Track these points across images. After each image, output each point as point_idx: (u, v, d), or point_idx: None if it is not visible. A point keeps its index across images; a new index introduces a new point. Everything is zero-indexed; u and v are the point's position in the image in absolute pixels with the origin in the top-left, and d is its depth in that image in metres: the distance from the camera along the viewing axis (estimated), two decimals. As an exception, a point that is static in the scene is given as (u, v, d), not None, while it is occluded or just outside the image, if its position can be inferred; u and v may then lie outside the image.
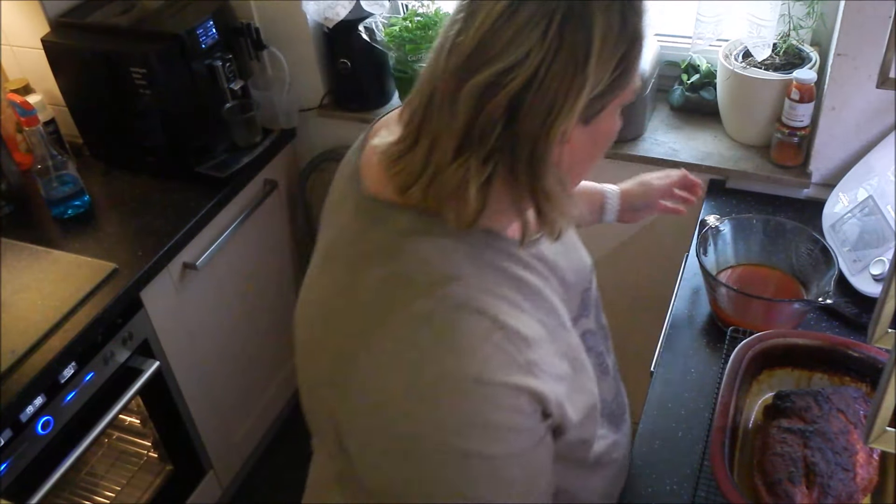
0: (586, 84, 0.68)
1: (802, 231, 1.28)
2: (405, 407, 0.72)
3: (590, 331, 0.95)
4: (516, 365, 0.73)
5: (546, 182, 0.72)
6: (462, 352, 0.71)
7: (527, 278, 0.81)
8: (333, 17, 1.78)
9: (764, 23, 1.46)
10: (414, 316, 0.73)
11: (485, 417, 0.71)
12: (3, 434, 1.35)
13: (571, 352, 0.84)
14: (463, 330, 0.72)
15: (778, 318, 1.23)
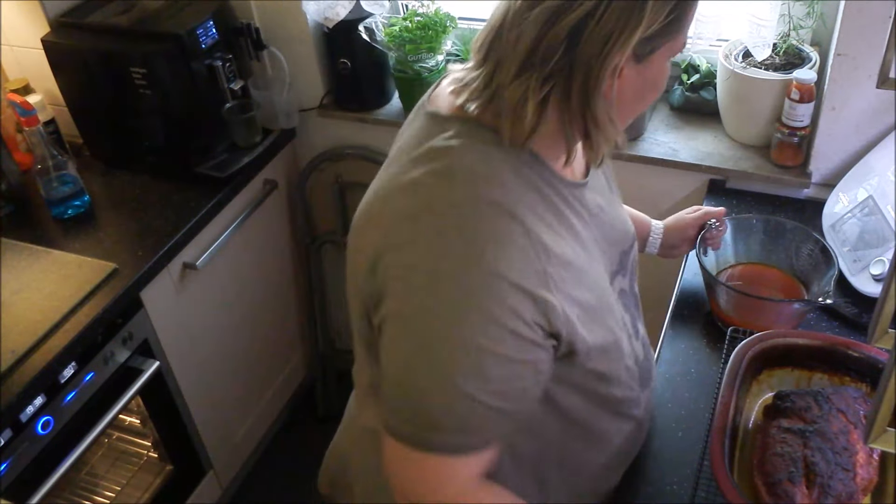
0: (643, 21, 0.74)
1: (802, 231, 1.28)
2: (423, 281, 0.79)
3: (624, 291, 1.01)
4: (533, 271, 0.79)
5: (595, 108, 0.78)
6: (485, 243, 0.78)
7: (566, 213, 0.87)
8: (333, 17, 1.78)
9: (764, 23, 1.46)
10: (450, 203, 0.80)
11: (487, 309, 0.77)
12: (3, 434, 1.35)
13: (599, 290, 0.90)
14: (492, 225, 0.79)
15: (778, 318, 1.23)
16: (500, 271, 0.77)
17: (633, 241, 1.07)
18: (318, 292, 2.24)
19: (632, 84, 0.81)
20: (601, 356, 0.90)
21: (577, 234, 0.88)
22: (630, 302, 1.03)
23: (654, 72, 0.82)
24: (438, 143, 0.84)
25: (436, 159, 0.83)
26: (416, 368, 0.80)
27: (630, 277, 1.05)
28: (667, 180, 1.66)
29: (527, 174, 0.83)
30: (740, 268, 1.34)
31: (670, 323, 1.31)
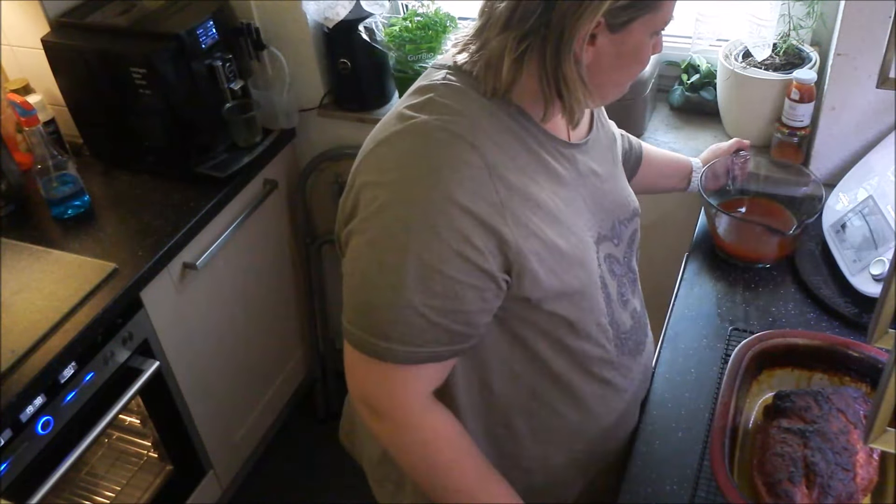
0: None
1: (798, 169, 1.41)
2: (383, 198, 0.86)
3: (614, 257, 1.05)
4: (487, 200, 0.85)
5: (567, 70, 0.84)
6: (441, 167, 0.84)
7: (549, 162, 0.93)
8: (333, 17, 1.78)
9: (764, 23, 1.46)
10: (418, 130, 0.87)
11: (436, 227, 0.83)
12: (3, 434, 1.35)
13: (576, 239, 0.95)
14: (452, 152, 0.85)
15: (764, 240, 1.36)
16: (452, 194, 0.83)
17: (634, 215, 1.12)
18: (318, 292, 2.24)
19: (608, 53, 0.86)
20: (564, 302, 0.95)
21: (560, 183, 0.94)
22: (620, 271, 1.06)
23: (633, 44, 0.87)
24: (426, 83, 0.93)
25: (419, 94, 0.92)
26: (369, 277, 0.87)
27: (626, 249, 1.09)
28: (667, 180, 1.66)
29: (505, 120, 0.90)
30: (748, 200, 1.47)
31: (670, 323, 1.31)
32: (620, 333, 1.06)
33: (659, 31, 0.89)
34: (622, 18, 0.83)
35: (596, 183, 1.01)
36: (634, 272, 1.13)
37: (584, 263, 0.96)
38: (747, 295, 1.34)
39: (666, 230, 1.74)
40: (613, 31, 0.85)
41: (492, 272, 0.86)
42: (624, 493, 1.06)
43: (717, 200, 1.44)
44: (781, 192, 1.44)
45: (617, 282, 1.05)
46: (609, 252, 1.03)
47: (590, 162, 1.01)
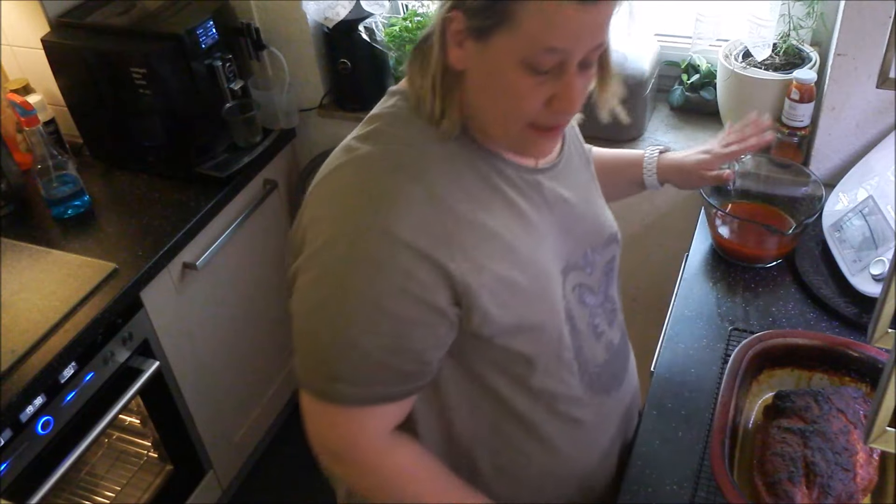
0: None
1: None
2: (326, 234, 0.83)
3: (586, 286, 0.99)
4: (431, 234, 0.81)
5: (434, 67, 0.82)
6: (382, 202, 0.81)
7: (507, 191, 0.88)
8: (333, 17, 1.78)
9: (764, 23, 1.46)
10: (361, 163, 0.84)
11: (378, 265, 0.80)
12: (3, 434, 1.35)
13: (535, 271, 0.89)
14: (393, 186, 0.82)
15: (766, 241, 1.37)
16: (394, 229, 0.80)
17: (610, 241, 1.05)
18: (318, 292, 2.24)
19: (475, 67, 0.81)
20: (519, 337, 0.90)
21: (519, 213, 0.89)
22: (593, 301, 1.00)
23: (499, 67, 0.79)
24: (376, 110, 0.90)
25: (368, 123, 0.89)
26: (313, 318, 0.84)
27: (601, 278, 1.03)
28: (667, 180, 1.66)
29: (455, 147, 0.86)
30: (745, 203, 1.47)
31: (670, 323, 1.31)
32: (591, 368, 1.00)
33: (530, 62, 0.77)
34: (479, 21, 0.76)
35: (565, 209, 0.95)
36: (613, 301, 1.06)
37: (545, 296, 0.91)
38: (747, 295, 1.34)
39: (666, 230, 1.74)
40: (476, 38, 0.78)
41: (440, 306, 0.82)
42: (624, 492, 1.06)
43: (717, 200, 1.44)
44: (781, 192, 1.44)
45: (588, 313, 0.99)
46: (580, 281, 0.98)
47: (558, 187, 0.94)
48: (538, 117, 0.82)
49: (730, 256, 1.40)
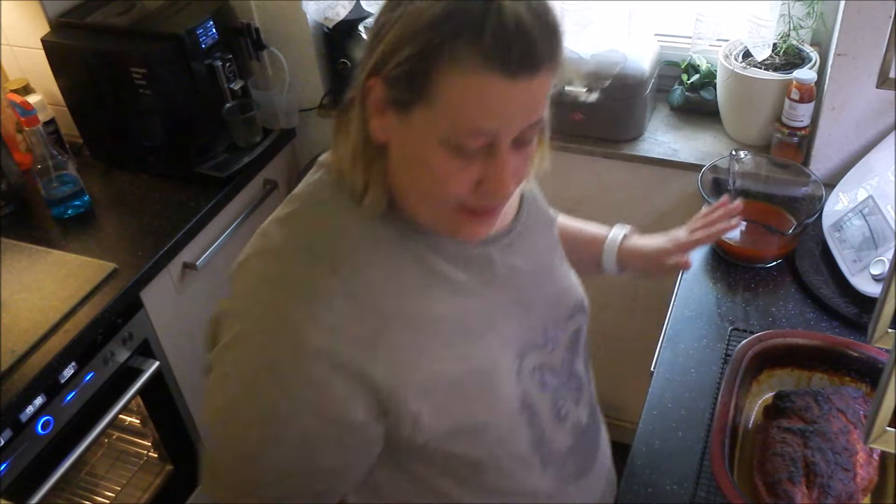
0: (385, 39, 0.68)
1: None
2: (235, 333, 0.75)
3: (548, 366, 0.88)
4: (349, 335, 0.72)
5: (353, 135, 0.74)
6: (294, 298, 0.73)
7: (450, 273, 0.79)
8: (333, 17, 1.78)
9: (764, 23, 1.46)
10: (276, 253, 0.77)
11: (287, 375, 0.71)
12: (3, 434, 1.35)
13: (477, 362, 0.79)
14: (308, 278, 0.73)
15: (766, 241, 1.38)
16: (305, 334, 0.70)
17: (576, 312, 0.94)
18: (318, 292, 2.24)
19: (399, 140, 0.72)
20: (460, 439, 0.80)
21: (464, 294, 0.79)
22: (556, 381, 0.90)
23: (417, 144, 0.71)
24: (299, 188, 0.82)
25: (289, 203, 0.81)
26: (219, 421, 0.76)
27: (565, 354, 0.92)
28: (667, 180, 1.66)
29: (383, 230, 0.76)
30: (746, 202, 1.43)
31: (670, 323, 1.31)
32: (555, 458, 0.90)
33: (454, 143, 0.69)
34: (397, 95, 0.69)
35: (522, 283, 0.85)
36: (580, 378, 0.95)
37: (490, 392, 0.81)
38: (747, 295, 1.34)
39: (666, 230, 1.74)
40: (396, 110, 0.70)
41: (357, 422, 0.73)
42: (624, 492, 1.06)
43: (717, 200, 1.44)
44: (781, 192, 1.44)
45: (551, 396, 0.88)
46: (540, 362, 0.87)
47: (513, 258, 0.85)
48: (467, 200, 0.73)
49: (730, 256, 1.40)
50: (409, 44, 0.66)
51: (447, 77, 0.66)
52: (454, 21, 0.65)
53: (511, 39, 0.65)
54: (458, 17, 0.65)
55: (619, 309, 1.94)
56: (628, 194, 1.73)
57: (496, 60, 0.65)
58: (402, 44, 0.67)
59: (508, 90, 0.66)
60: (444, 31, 0.65)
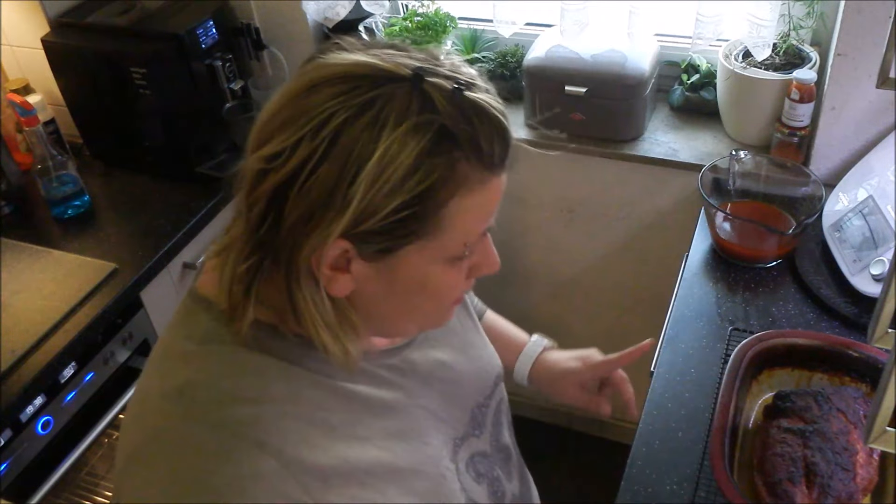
0: (350, 205, 0.58)
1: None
2: None
3: (482, 453, 0.85)
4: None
5: (297, 298, 0.64)
6: (223, 494, 0.61)
7: (374, 395, 0.73)
8: (333, 17, 1.78)
9: (764, 23, 1.46)
10: (176, 436, 0.64)
11: None
12: (3, 434, 1.35)
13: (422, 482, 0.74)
14: (234, 465, 0.62)
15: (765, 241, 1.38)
16: None
17: (497, 384, 0.91)
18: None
19: (374, 281, 0.65)
20: None
21: (391, 413, 0.74)
22: (491, 462, 0.87)
23: (413, 275, 0.65)
24: (187, 345, 0.69)
25: (175, 365, 0.68)
26: None
27: (493, 431, 0.88)
28: (667, 180, 1.66)
29: (297, 370, 0.68)
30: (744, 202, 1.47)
31: (670, 323, 1.31)
32: None
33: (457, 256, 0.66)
34: (376, 247, 0.62)
35: (445, 376, 0.81)
36: (507, 450, 0.91)
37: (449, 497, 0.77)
38: (747, 295, 1.34)
39: (666, 230, 1.74)
40: (370, 260, 0.63)
41: None
42: (624, 492, 1.06)
43: (717, 200, 1.44)
44: (781, 192, 1.44)
45: (487, 482, 0.85)
46: (473, 451, 0.83)
47: (431, 352, 0.81)
48: (461, 292, 0.73)
49: (730, 256, 1.40)
50: (398, 194, 0.59)
51: (456, 202, 0.62)
52: (447, 143, 0.59)
53: (503, 134, 0.63)
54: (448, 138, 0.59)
55: (619, 309, 1.94)
56: (628, 194, 1.73)
57: (496, 160, 0.63)
58: (385, 197, 0.59)
59: (500, 183, 0.65)
60: (442, 160, 0.59)
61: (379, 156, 0.58)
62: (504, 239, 1.95)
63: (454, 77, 0.62)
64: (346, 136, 0.58)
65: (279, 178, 0.60)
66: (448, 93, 0.60)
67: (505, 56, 1.79)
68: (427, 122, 0.59)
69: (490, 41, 1.85)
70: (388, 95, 0.59)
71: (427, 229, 0.62)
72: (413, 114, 0.59)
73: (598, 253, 1.87)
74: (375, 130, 0.58)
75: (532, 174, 1.78)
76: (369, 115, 0.58)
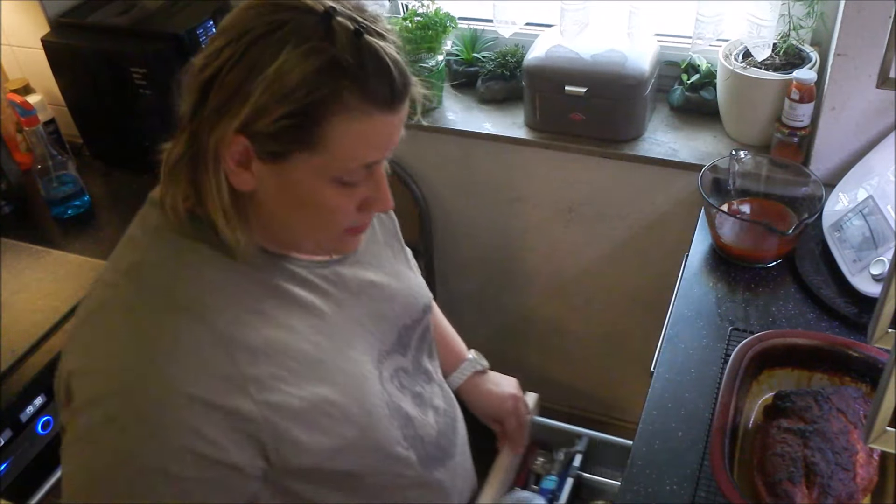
0: (248, 101, 0.70)
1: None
2: (90, 388, 0.72)
3: (405, 369, 0.95)
4: (220, 376, 0.72)
5: (202, 180, 0.76)
6: (159, 353, 0.71)
7: (305, 297, 0.81)
8: (333, 17, 1.78)
9: (764, 23, 1.46)
10: (121, 301, 0.75)
11: (157, 424, 0.70)
12: (3, 434, 1.35)
13: (344, 378, 0.83)
14: (170, 333, 0.72)
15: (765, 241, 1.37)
16: (175, 382, 0.70)
17: (423, 314, 1.01)
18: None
19: (271, 189, 0.76)
20: (344, 455, 0.83)
21: (320, 316, 0.83)
22: (413, 379, 0.97)
23: (301, 185, 0.75)
24: (135, 231, 0.82)
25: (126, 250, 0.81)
26: (87, 496, 0.72)
27: (415, 353, 0.99)
28: (667, 180, 1.66)
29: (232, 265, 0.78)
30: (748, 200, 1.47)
31: (670, 323, 1.31)
32: (427, 448, 0.96)
33: (342, 179, 0.75)
34: (270, 148, 0.72)
35: (374, 294, 0.90)
36: (428, 373, 1.02)
37: (362, 401, 0.85)
38: (747, 295, 1.34)
39: (666, 230, 1.74)
40: (265, 161, 0.74)
41: (233, 464, 0.73)
42: (624, 492, 1.06)
43: (717, 200, 1.44)
44: (781, 192, 1.44)
45: (411, 394, 0.95)
46: (397, 366, 0.93)
47: (362, 272, 0.90)
48: (353, 221, 0.81)
49: (730, 256, 1.40)
50: (286, 102, 0.69)
51: (336, 124, 0.71)
52: (336, 71, 0.70)
53: (390, 77, 0.72)
54: (338, 67, 0.69)
55: (619, 309, 1.94)
56: (628, 194, 1.73)
57: (380, 99, 0.72)
58: (276, 101, 0.69)
59: (390, 122, 0.74)
60: (329, 83, 0.69)
61: (276, 66, 0.69)
62: (504, 239, 1.95)
63: (362, 22, 0.72)
64: (257, 46, 0.70)
65: (208, 73, 0.72)
66: (350, 32, 0.70)
67: (505, 56, 1.79)
68: (323, 50, 0.69)
69: (490, 41, 1.85)
70: (298, 21, 0.70)
71: (310, 141, 0.72)
72: (314, 40, 0.69)
73: (598, 253, 1.87)
74: (280, 46, 0.69)
75: (532, 174, 1.78)
76: (279, 34, 0.70)
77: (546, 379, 2.17)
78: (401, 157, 1.85)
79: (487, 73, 1.80)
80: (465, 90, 1.85)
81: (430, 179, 1.88)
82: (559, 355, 2.12)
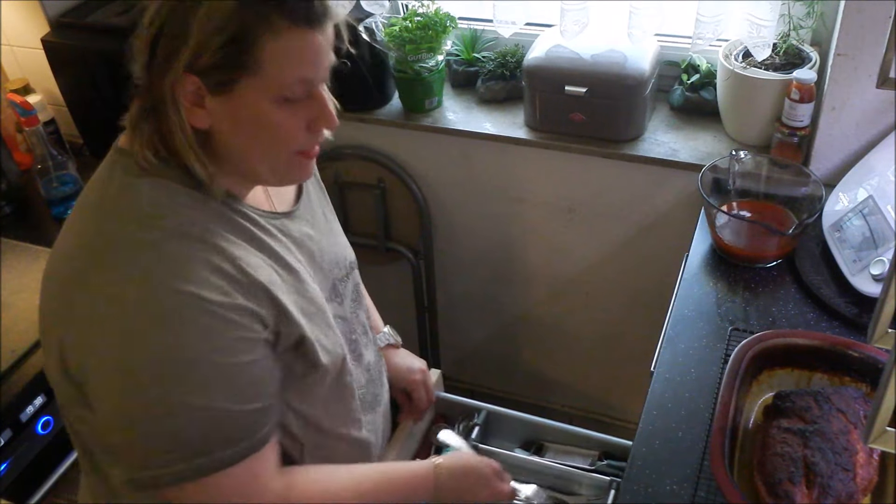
0: (189, 41, 0.77)
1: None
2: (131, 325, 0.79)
3: (341, 317, 1.05)
4: (238, 284, 0.83)
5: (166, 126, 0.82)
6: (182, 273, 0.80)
7: (266, 241, 0.91)
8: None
9: (764, 23, 1.46)
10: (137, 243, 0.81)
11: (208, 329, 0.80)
12: (3, 434, 1.35)
13: (313, 307, 0.94)
14: (185, 254, 0.81)
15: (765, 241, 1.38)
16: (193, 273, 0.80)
17: (351, 269, 1.12)
18: (318, 292, 2.24)
19: (223, 118, 0.82)
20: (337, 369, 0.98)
21: (277, 258, 0.91)
22: (350, 326, 1.07)
23: (251, 111, 0.82)
24: (119, 183, 0.88)
25: (113, 202, 0.87)
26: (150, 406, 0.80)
27: (351, 304, 1.09)
28: (667, 180, 1.66)
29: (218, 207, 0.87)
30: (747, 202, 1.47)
31: (670, 323, 1.31)
32: (363, 396, 1.09)
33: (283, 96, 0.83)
34: (216, 78, 0.80)
35: (312, 246, 1.00)
36: (363, 325, 1.13)
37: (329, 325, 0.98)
38: (747, 295, 1.34)
39: (666, 230, 1.74)
40: (215, 94, 0.81)
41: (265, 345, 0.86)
42: (624, 492, 1.06)
43: (717, 200, 1.44)
44: (781, 192, 1.44)
45: (347, 340, 1.04)
46: (336, 313, 1.02)
47: (303, 226, 1.00)
48: (303, 143, 0.88)
49: (730, 256, 1.40)
50: (220, 32, 0.77)
51: (266, 45, 0.78)
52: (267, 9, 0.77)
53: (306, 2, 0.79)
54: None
55: (619, 309, 1.94)
56: (628, 194, 1.74)
57: (301, 18, 0.79)
58: (211, 35, 0.77)
59: (314, 39, 0.80)
60: (253, 9, 0.77)
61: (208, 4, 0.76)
62: (504, 239, 1.95)
63: None
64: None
65: (153, 30, 0.79)
66: None
67: (505, 56, 1.79)
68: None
69: (490, 41, 1.85)
70: None
71: (249, 65, 0.78)
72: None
73: (598, 253, 1.87)
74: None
75: (532, 174, 1.78)
76: None
77: (546, 379, 2.17)
78: (401, 157, 1.85)
79: (487, 73, 1.80)
80: (465, 90, 1.85)
81: (430, 179, 1.88)
82: (559, 355, 2.12)
